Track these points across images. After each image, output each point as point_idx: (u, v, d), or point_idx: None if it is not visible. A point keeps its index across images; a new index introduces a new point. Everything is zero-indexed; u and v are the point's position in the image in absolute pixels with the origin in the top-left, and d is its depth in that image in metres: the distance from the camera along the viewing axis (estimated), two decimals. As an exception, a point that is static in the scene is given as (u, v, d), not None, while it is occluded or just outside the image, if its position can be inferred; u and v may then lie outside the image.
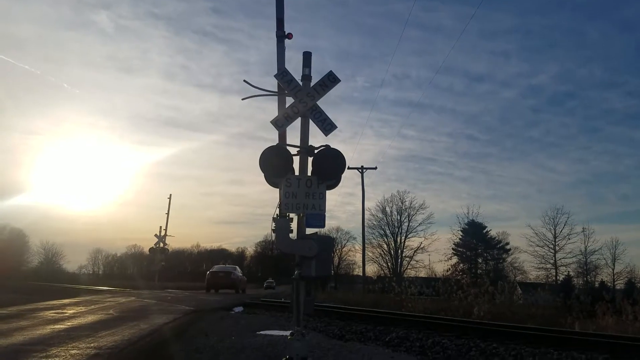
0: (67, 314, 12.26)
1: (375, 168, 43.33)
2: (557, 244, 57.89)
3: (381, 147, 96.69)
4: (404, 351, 8.36)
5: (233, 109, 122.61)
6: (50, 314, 12.18)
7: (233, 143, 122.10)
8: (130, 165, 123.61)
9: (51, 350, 6.73)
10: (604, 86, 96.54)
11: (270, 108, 6.89)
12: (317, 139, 6.09)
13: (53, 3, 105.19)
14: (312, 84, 6.21)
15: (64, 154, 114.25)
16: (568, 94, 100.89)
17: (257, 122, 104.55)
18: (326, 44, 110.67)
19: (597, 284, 50.90)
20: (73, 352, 6.68)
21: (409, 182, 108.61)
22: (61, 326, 9.66)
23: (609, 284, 52.46)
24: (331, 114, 6.00)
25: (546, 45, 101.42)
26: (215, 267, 34.24)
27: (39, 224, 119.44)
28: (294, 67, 6.40)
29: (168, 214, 45.23)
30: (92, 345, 7.28)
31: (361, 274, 47.26)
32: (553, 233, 58.12)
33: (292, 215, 6.01)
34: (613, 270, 57.58)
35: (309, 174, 5.99)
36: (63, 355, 6.41)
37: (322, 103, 6.20)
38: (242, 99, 7.25)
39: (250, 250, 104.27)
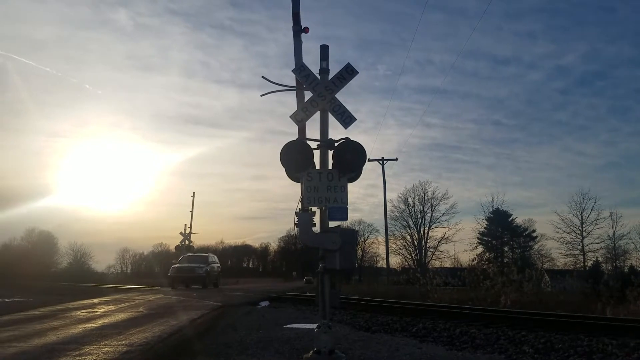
0: (97, 313, 12.51)
1: (396, 159, 43.19)
2: (584, 229, 56.91)
3: (404, 137, 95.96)
4: (431, 341, 8.33)
5: (254, 104, 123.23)
6: (81, 313, 12.44)
7: (255, 138, 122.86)
8: (154, 164, 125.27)
9: (84, 349, 6.88)
10: (634, 64, 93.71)
11: (291, 102, 6.91)
12: (337, 130, 6.10)
13: (71, 3, 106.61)
14: (330, 76, 6.21)
15: (89, 155, 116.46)
16: (596, 74, 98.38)
17: (278, 117, 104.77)
18: (346, 33, 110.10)
19: (626, 269, 49.95)
20: (105, 349, 6.83)
21: (433, 171, 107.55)
22: (93, 325, 9.86)
23: (639, 269, 51.41)
24: (352, 105, 6.05)
25: (574, 24, 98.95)
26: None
27: (67, 225, 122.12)
28: (313, 58, 6.40)
29: (192, 212, 45.74)
30: (123, 342, 7.42)
31: (385, 266, 47.18)
32: (580, 219, 57.14)
33: (314, 209, 6.04)
34: (643, 254, 56.41)
35: (330, 167, 6.01)
36: (96, 353, 6.55)
37: (342, 94, 6.21)
38: (261, 95, 7.32)
39: (273, 245, 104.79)
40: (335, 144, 6.01)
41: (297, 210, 6.13)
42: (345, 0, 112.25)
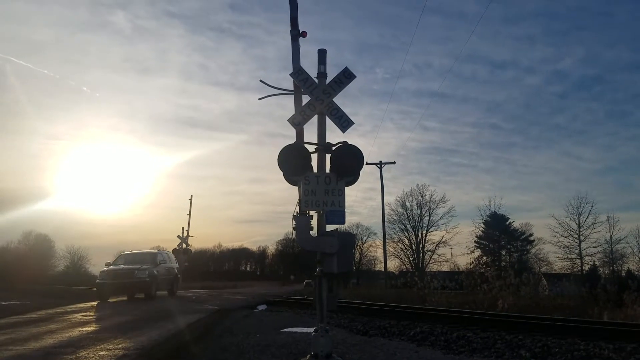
0: (94, 316, 12.48)
1: (394, 163, 42.96)
2: (581, 233, 56.90)
3: (402, 140, 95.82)
4: (428, 345, 8.33)
5: (252, 107, 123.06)
6: (78, 316, 12.40)
7: (253, 141, 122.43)
8: (152, 167, 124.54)
9: (80, 352, 6.87)
10: (632, 68, 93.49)
11: (289, 105, 6.89)
12: (335, 134, 6.11)
13: (70, 5, 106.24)
14: (328, 80, 6.23)
15: (87, 158, 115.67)
16: (594, 78, 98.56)
17: (276, 120, 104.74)
18: (345, 36, 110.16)
19: (623, 273, 50.01)
20: (102, 353, 6.81)
21: (431, 174, 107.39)
22: (89, 328, 9.84)
23: (636, 273, 51.42)
24: (350, 108, 6.10)
25: (572, 28, 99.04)
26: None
27: (64, 228, 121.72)
28: (312, 61, 6.42)
29: (189, 215, 45.64)
30: (120, 346, 7.40)
31: (383, 270, 47.15)
32: (577, 222, 57.09)
33: (312, 212, 6.04)
34: (640, 258, 56.51)
35: (328, 170, 6.01)
36: (92, 357, 6.53)
37: (340, 97, 6.23)
38: (259, 99, 7.32)
39: (271, 248, 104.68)
40: (333, 148, 6.02)
41: (295, 214, 6.12)
42: (344, 4, 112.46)
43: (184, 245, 43.77)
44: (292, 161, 5.95)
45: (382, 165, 41.03)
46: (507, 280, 17.89)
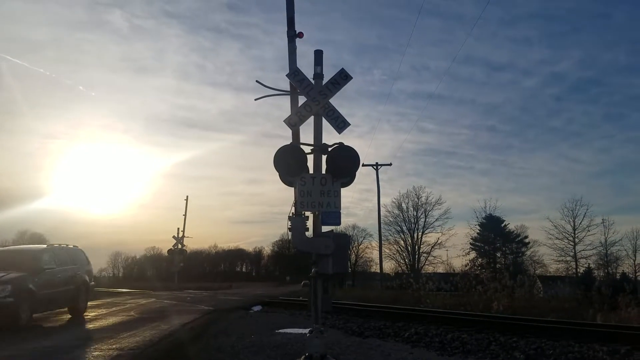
0: (88, 317, 12.44)
1: (390, 164, 42.98)
2: (576, 236, 57.09)
3: (398, 142, 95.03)
4: (423, 347, 8.34)
5: (249, 107, 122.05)
6: (72, 317, 12.34)
7: (250, 142, 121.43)
8: (148, 167, 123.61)
9: (75, 352, 6.85)
10: (630, 71, 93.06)
11: (287, 105, 6.89)
12: (332, 135, 6.10)
13: (67, 4, 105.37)
14: (324, 81, 6.23)
15: (83, 157, 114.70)
16: (592, 81, 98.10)
17: (273, 120, 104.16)
18: (342, 37, 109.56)
19: (618, 276, 50.20)
20: (96, 353, 6.79)
21: (428, 176, 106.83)
22: (83, 329, 9.81)
23: (631, 275, 51.59)
24: (347, 109, 6.10)
25: (570, 30, 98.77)
26: None
27: (59, 228, 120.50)
28: (310, 61, 6.41)
29: (185, 215, 45.55)
30: (114, 346, 7.38)
31: (379, 271, 47.16)
32: (572, 225, 57.21)
33: (307, 213, 6.04)
34: (634, 261, 56.53)
35: (324, 172, 6.01)
36: (86, 357, 6.52)
37: (337, 98, 6.22)
38: (255, 99, 7.32)
39: (267, 249, 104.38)
40: (329, 149, 6.02)
41: (291, 215, 6.12)
42: (342, 5, 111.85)
43: (180, 246, 43.77)
44: (288, 162, 5.94)
45: (379, 167, 41.07)
46: (502, 282, 17.90)
